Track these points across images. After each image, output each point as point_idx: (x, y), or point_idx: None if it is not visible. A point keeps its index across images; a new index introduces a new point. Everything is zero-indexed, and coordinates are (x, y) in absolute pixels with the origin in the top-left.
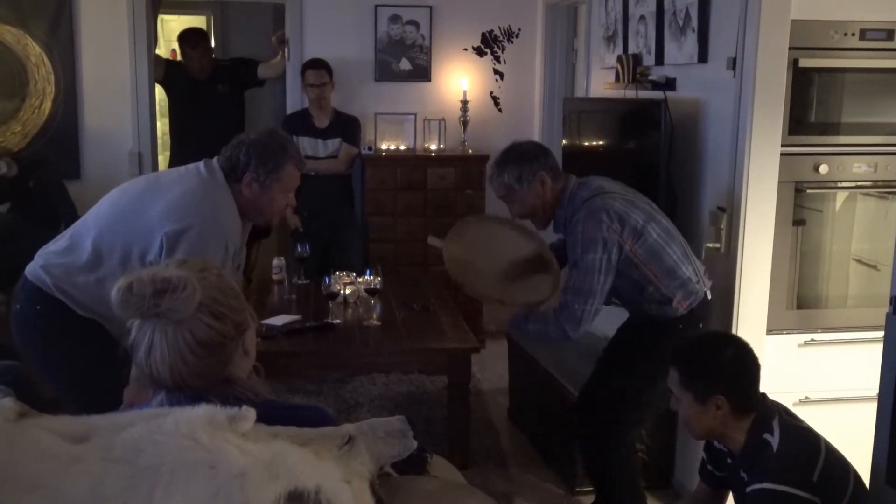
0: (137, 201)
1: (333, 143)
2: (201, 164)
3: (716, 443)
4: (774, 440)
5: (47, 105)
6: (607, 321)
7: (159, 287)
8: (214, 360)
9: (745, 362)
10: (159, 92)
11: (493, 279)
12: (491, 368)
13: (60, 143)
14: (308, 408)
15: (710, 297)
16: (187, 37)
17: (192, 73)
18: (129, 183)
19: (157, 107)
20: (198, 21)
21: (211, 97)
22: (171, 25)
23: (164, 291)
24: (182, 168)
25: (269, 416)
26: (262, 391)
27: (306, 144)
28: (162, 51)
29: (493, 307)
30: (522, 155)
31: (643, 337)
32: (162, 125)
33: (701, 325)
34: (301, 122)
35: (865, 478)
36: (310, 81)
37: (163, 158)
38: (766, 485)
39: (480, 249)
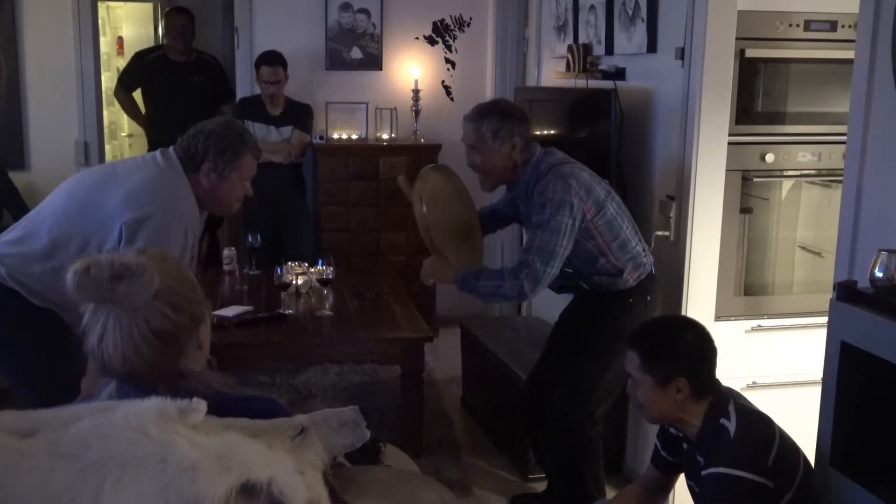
0: (94, 191)
1: (286, 131)
2: (157, 153)
3: (672, 429)
4: (731, 425)
5: None
6: (557, 308)
7: (117, 272)
8: (168, 350)
9: (704, 344)
10: (105, 80)
11: (440, 233)
12: (444, 357)
13: (4, 132)
14: (260, 399)
15: (654, 272)
16: (179, 8)
17: (173, 54)
18: (85, 172)
19: (104, 96)
20: (145, 8)
21: (187, 84)
22: (118, 13)
23: (121, 276)
24: (139, 157)
25: (221, 408)
26: (214, 384)
27: (258, 130)
28: (107, 37)
29: (434, 262)
30: (508, 112)
31: (594, 312)
32: (109, 114)
33: (649, 299)
34: (254, 108)
35: (810, 460)
36: (265, 79)
37: (110, 148)
38: (721, 469)
39: (438, 201)
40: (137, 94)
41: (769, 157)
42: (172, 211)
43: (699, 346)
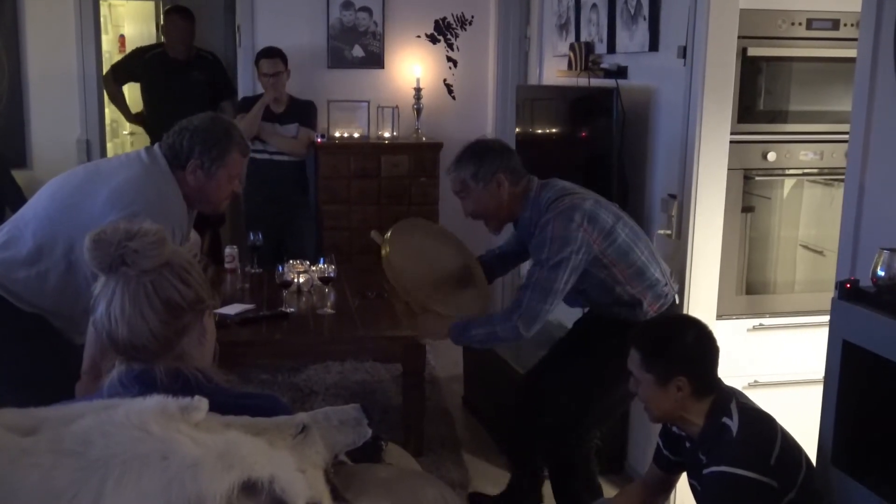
0: (78, 191)
1: (290, 129)
2: (142, 150)
3: (674, 428)
4: (734, 424)
5: None
6: (560, 307)
7: (131, 232)
8: (172, 322)
9: (705, 344)
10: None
11: (427, 287)
12: (445, 356)
13: (6, 130)
14: (261, 396)
15: (677, 301)
16: (178, 9)
17: (173, 53)
18: (68, 173)
19: (105, 93)
20: (147, 6)
21: (186, 81)
22: (120, 11)
23: (134, 236)
24: (122, 155)
25: (222, 405)
26: (215, 377)
27: (262, 128)
28: (110, 35)
29: (426, 319)
30: (483, 152)
31: (607, 338)
32: (111, 112)
33: None
34: None
35: (812, 458)
36: (264, 71)
37: (111, 146)
38: (724, 468)
39: (416, 256)
40: (135, 92)
41: (771, 156)
42: (158, 209)
43: (700, 345)
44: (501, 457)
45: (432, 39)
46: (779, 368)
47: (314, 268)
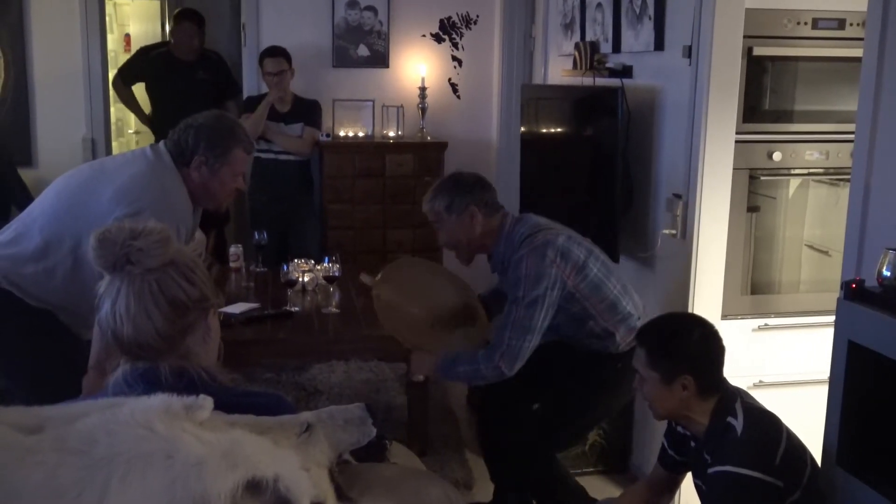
0: (84, 189)
1: (296, 128)
2: (147, 147)
3: (679, 428)
4: (738, 424)
5: None
6: None
7: (137, 231)
8: (177, 321)
9: (711, 343)
10: (112, 77)
11: (422, 326)
12: None
13: (12, 129)
14: (266, 395)
15: None
16: (189, 13)
17: (179, 53)
18: (74, 171)
19: (111, 93)
20: (152, 5)
21: (191, 81)
22: (125, 10)
23: (139, 234)
24: (128, 153)
25: (227, 403)
26: (219, 376)
27: (267, 128)
28: (115, 34)
29: (418, 356)
30: (457, 184)
31: (578, 366)
32: (116, 111)
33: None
34: None
35: (817, 459)
36: (268, 70)
37: (117, 145)
38: (728, 468)
39: (411, 294)
40: (141, 91)
41: (776, 156)
42: (163, 206)
43: (706, 344)
44: None
45: (437, 39)
46: (784, 368)
47: (319, 267)
